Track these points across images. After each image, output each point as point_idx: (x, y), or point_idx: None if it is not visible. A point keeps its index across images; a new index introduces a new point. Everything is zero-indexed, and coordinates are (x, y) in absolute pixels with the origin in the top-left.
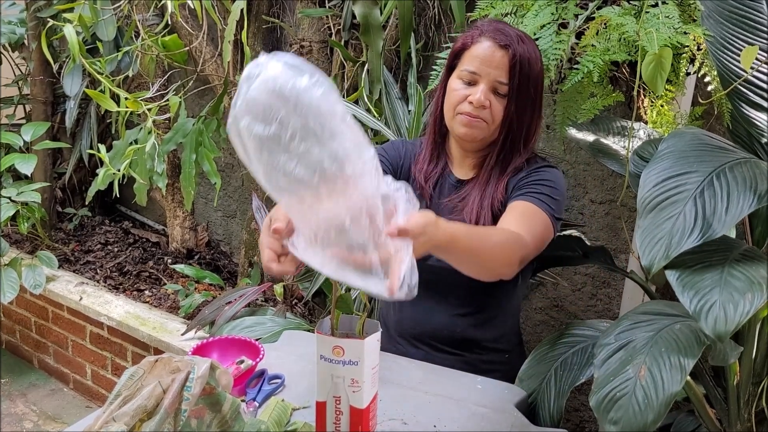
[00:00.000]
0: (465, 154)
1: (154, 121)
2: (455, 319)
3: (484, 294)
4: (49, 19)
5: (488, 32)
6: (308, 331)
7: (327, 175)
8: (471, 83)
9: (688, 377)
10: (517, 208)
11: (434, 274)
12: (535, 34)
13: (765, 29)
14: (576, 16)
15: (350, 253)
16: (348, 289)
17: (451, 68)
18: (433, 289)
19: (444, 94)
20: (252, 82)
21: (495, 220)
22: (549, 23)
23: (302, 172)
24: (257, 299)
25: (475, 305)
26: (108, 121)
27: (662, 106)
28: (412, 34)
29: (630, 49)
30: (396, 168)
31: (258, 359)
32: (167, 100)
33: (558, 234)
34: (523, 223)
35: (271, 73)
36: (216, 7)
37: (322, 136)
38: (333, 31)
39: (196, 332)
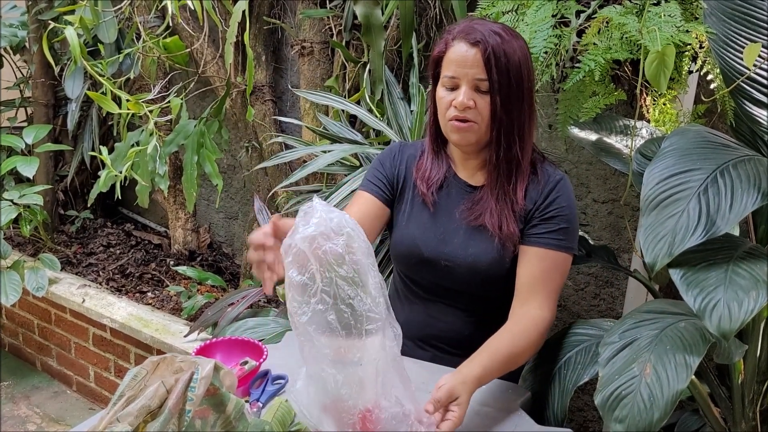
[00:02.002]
0: (466, 156)
1: (155, 123)
2: (461, 322)
3: (490, 297)
4: (50, 22)
5: (459, 34)
6: None
7: (332, 328)
8: (454, 88)
9: (693, 376)
10: (535, 262)
11: (441, 277)
12: (535, 32)
13: (767, 26)
14: (578, 14)
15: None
16: None
17: (435, 78)
18: (439, 291)
19: (435, 105)
20: (296, 232)
21: (518, 225)
22: (546, 19)
23: (311, 320)
24: (260, 300)
25: (481, 308)
26: (109, 123)
27: (665, 104)
28: (414, 34)
29: (632, 48)
30: (393, 178)
31: (261, 360)
32: (169, 101)
33: None
34: (542, 286)
35: (310, 232)
36: (217, 9)
37: (341, 297)
38: (334, 31)
39: (198, 334)
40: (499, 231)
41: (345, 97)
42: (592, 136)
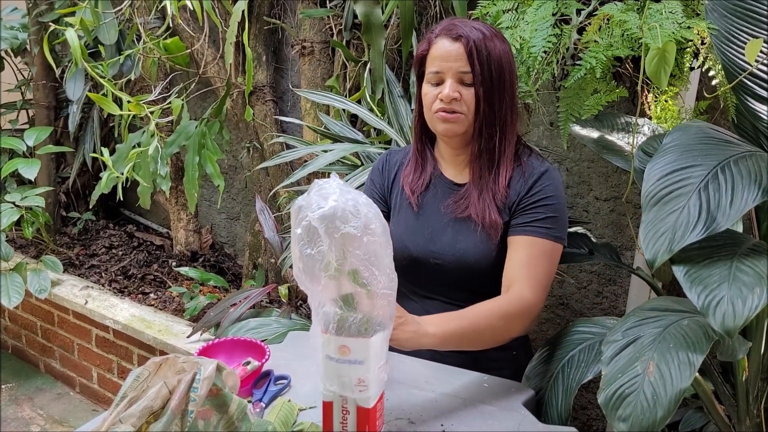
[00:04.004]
0: (455, 152)
1: (156, 124)
2: None
3: (483, 292)
4: (51, 24)
5: (442, 32)
6: None
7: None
8: (439, 83)
9: (696, 374)
10: (522, 250)
11: (432, 275)
12: (535, 30)
13: None
14: (578, 11)
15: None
16: None
17: (420, 77)
18: (433, 289)
19: (421, 102)
20: (314, 207)
21: (501, 215)
22: (546, 17)
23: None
24: (262, 301)
25: (477, 303)
26: (111, 124)
27: (666, 101)
28: (414, 32)
29: (633, 45)
30: (385, 190)
31: (264, 360)
32: (169, 102)
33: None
34: (528, 271)
35: (328, 213)
36: (217, 10)
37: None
38: (334, 31)
39: (201, 334)
40: (483, 220)
41: (346, 97)
42: (594, 134)
